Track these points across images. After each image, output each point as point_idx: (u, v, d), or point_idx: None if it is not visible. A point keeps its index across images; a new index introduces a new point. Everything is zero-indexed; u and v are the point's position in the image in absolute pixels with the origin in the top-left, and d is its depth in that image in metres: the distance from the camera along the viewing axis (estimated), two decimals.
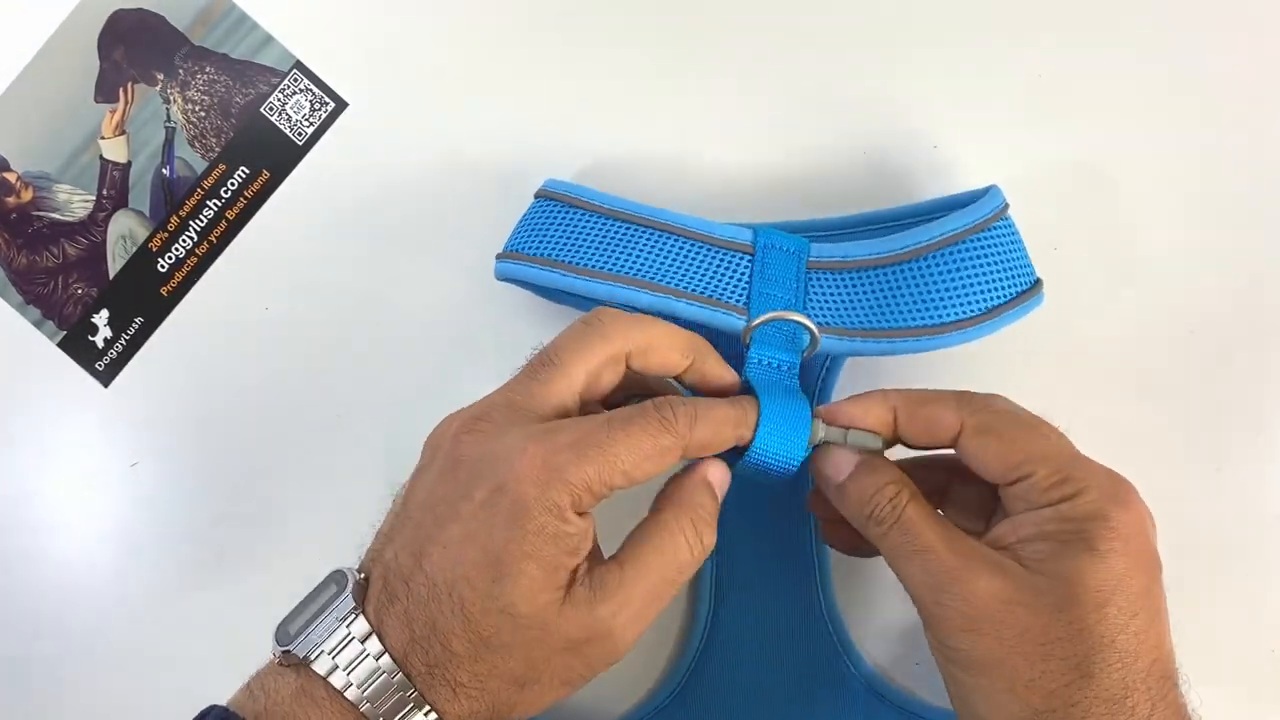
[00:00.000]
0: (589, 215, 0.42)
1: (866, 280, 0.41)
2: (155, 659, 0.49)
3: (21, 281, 0.49)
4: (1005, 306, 0.41)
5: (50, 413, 0.49)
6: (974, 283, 0.40)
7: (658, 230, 0.41)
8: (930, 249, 0.40)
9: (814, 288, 0.41)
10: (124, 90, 0.48)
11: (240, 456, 0.48)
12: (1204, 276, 0.47)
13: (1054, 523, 0.34)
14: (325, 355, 0.48)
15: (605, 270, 0.41)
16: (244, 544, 0.49)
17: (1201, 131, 0.47)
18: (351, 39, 0.48)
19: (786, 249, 0.41)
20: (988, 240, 0.41)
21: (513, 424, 0.35)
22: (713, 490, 0.37)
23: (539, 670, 0.33)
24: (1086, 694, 0.32)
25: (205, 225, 0.48)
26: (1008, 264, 0.41)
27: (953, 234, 0.40)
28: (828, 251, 0.42)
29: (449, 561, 0.33)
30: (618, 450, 0.34)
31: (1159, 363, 0.47)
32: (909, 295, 0.40)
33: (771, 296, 0.41)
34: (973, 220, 0.41)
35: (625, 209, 0.42)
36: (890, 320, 0.41)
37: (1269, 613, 0.47)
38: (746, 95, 0.47)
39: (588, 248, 0.41)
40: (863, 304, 0.41)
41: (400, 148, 0.48)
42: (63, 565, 0.49)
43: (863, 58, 0.47)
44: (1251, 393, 0.47)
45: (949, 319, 0.40)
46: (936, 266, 0.40)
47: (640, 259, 0.41)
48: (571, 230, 0.42)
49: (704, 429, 0.35)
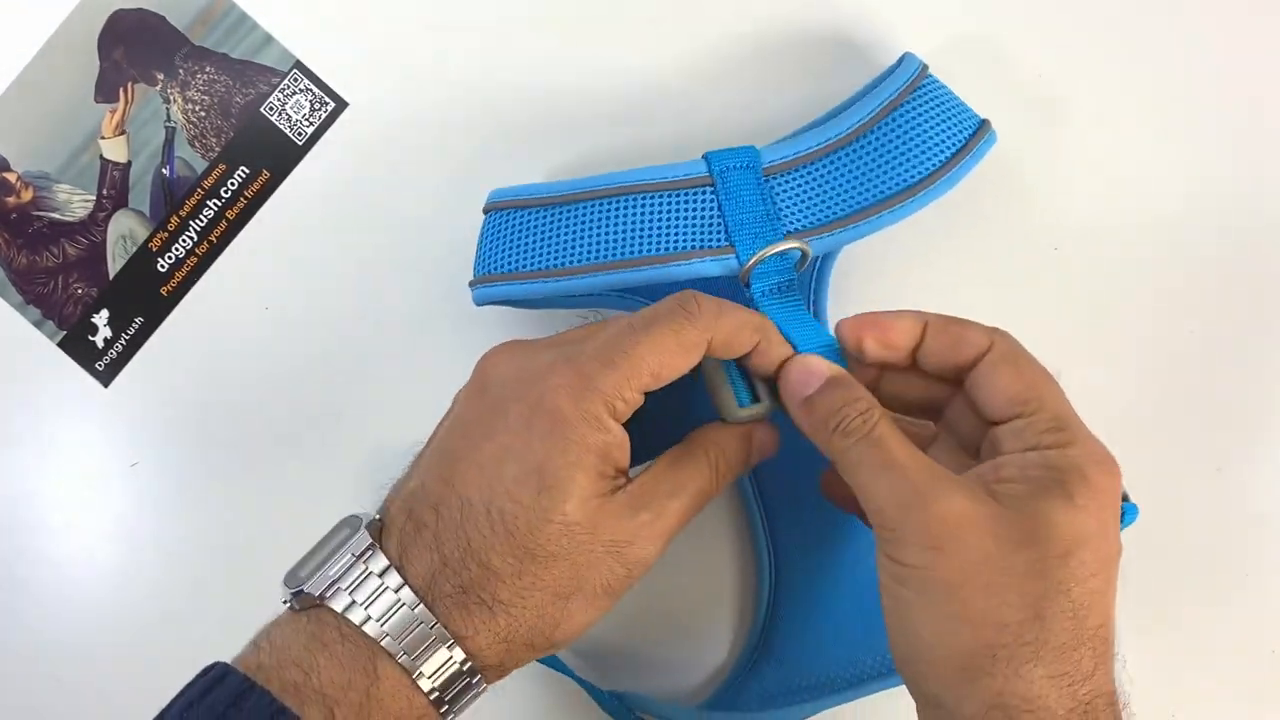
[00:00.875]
0: (541, 211, 0.41)
1: (825, 169, 0.41)
2: (155, 658, 0.49)
3: (21, 281, 0.49)
4: (963, 151, 0.41)
5: (50, 413, 0.49)
6: (926, 138, 0.41)
7: (612, 197, 0.41)
8: (875, 121, 0.41)
9: (779, 193, 0.41)
10: (124, 90, 0.48)
11: (240, 456, 0.48)
12: (1204, 277, 0.47)
13: (1038, 468, 0.33)
14: (325, 355, 0.48)
15: (581, 264, 0.40)
16: (244, 544, 0.49)
17: (1202, 132, 0.47)
18: (351, 39, 0.48)
19: (741, 164, 0.41)
20: (922, 97, 0.42)
21: (545, 347, 0.36)
22: (749, 443, 0.38)
23: (583, 577, 0.34)
24: (1038, 635, 0.31)
25: (205, 225, 0.48)
26: (949, 113, 0.42)
27: (890, 100, 0.41)
28: (779, 152, 0.41)
29: (486, 479, 0.34)
30: (642, 352, 0.34)
31: (1159, 363, 0.47)
32: (871, 170, 0.41)
33: (746, 221, 0.41)
34: (903, 82, 0.42)
35: (571, 190, 0.41)
36: (861, 199, 0.41)
37: (1269, 613, 0.47)
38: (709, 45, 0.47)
39: (554, 245, 0.41)
40: (830, 193, 0.41)
41: (400, 148, 0.48)
42: (63, 565, 0.49)
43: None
44: (1251, 393, 0.47)
45: (915, 178, 0.41)
46: (886, 134, 0.41)
47: (609, 237, 0.40)
48: (531, 233, 0.41)
49: (728, 321, 0.36)
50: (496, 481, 0.34)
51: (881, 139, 0.41)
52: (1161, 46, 0.47)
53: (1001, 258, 0.47)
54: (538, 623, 0.34)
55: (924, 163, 0.41)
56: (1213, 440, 0.47)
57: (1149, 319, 0.47)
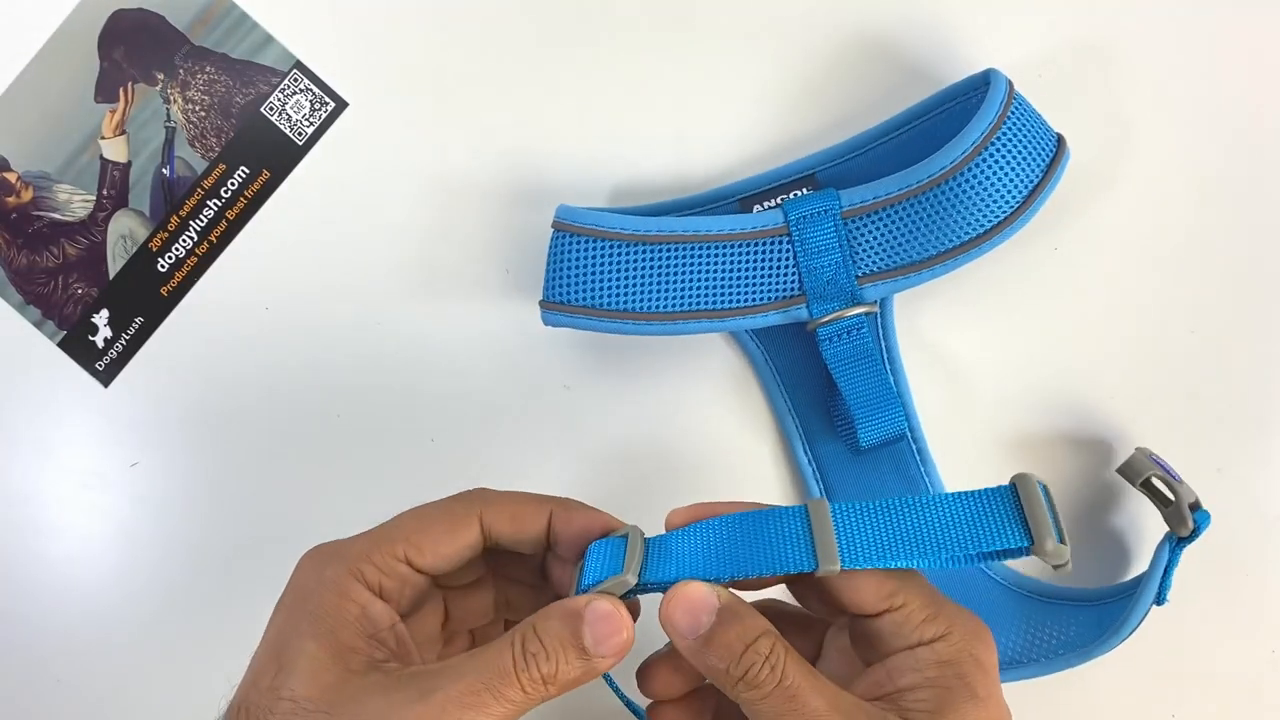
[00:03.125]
0: (616, 246, 0.42)
1: (904, 212, 0.41)
2: (155, 658, 0.49)
3: (21, 281, 0.49)
4: (1042, 183, 0.41)
5: (50, 413, 0.49)
6: (1007, 179, 0.41)
7: (691, 244, 0.41)
8: (959, 167, 0.41)
9: (856, 236, 0.42)
10: (124, 90, 0.48)
11: (240, 456, 0.48)
12: (1205, 276, 0.47)
13: (934, 668, 0.32)
14: (325, 355, 0.48)
15: (661, 310, 0.42)
16: (244, 544, 0.49)
17: (1203, 132, 0.47)
18: (351, 39, 0.48)
19: (819, 210, 0.42)
20: (1007, 134, 0.41)
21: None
22: (576, 626, 0.31)
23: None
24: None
25: (205, 225, 0.48)
26: (1030, 144, 0.42)
27: (975, 145, 0.41)
28: (858, 196, 0.42)
29: (250, 673, 0.32)
30: (402, 520, 0.34)
31: (1159, 363, 0.47)
32: (951, 215, 0.41)
33: (820, 267, 0.42)
34: (989, 122, 0.41)
35: (648, 231, 0.42)
36: (938, 244, 0.41)
37: (1269, 613, 0.47)
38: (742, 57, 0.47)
39: (632, 285, 0.42)
40: (908, 237, 0.42)
41: (400, 148, 0.48)
42: (63, 565, 0.49)
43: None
44: (1252, 393, 0.47)
45: (995, 220, 0.41)
46: (969, 179, 0.41)
47: (689, 285, 0.42)
48: (606, 268, 0.42)
49: (499, 496, 0.35)
50: (249, 671, 0.32)
51: (971, 180, 0.41)
52: (1160, 46, 0.47)
53: (1001, 258, 0.47)
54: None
55: (1010, 198, 0.41)
56: (1213, 440, 0.47)
57: (1149, 319, 0.47)
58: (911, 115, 0.45)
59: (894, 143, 0.45)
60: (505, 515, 0.35)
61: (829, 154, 0.46)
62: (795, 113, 0.47)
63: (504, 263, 0.48)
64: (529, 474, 0.48)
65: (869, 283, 0.43)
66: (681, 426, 0.48)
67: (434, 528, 0.34)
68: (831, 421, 0.46)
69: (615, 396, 0.48)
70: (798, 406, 0.47)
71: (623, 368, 0.48)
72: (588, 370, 0.48)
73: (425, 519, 0.34)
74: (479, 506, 0.35)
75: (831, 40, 0.47)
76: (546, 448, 0.48)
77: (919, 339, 0.47)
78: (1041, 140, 0.42)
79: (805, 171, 0.45)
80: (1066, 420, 0.47)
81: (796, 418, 0.47)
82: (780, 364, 0.47)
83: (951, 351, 0.47)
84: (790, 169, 0.46)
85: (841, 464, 0.47)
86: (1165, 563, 0.42)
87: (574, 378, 0.48)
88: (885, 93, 0.46)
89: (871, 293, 0.43)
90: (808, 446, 0.47)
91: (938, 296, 0.47)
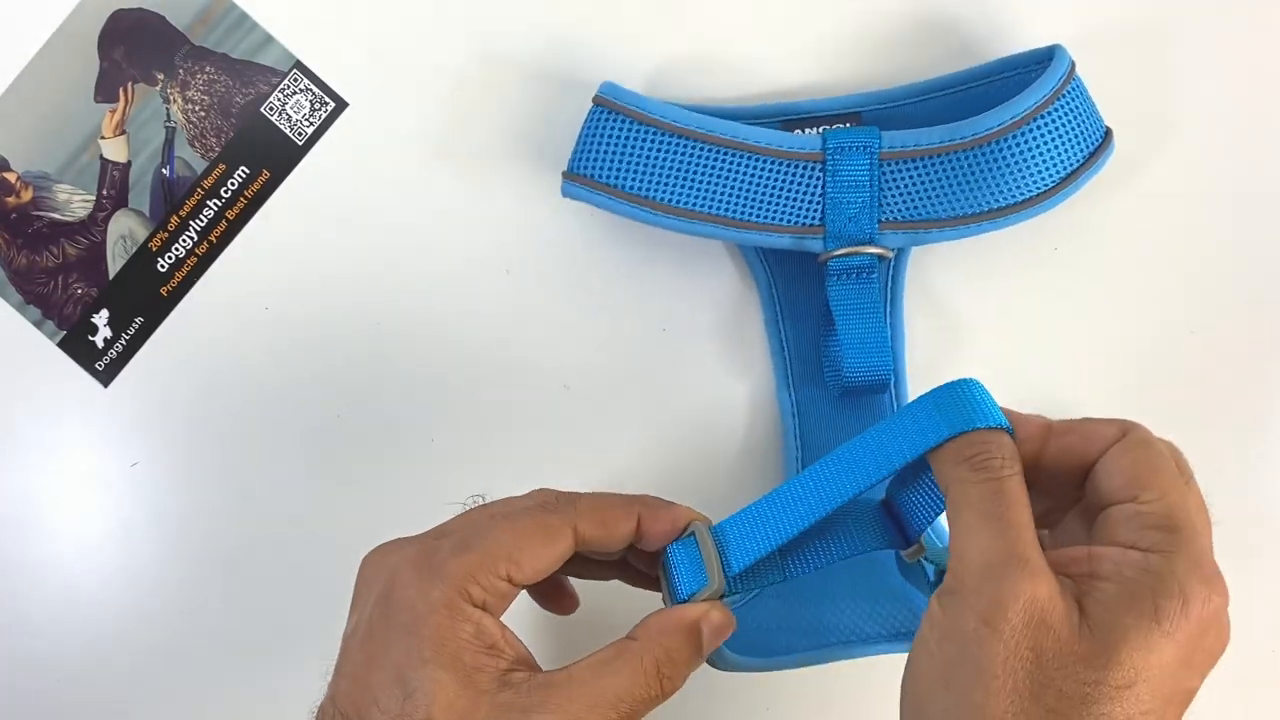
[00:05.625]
0: (653, 132, 0.42)
1: (941, 166, 0.41)
2: (155, 658, 0.49)
3: (21, 281, 0.49)
4: (1078, 171, 0.41)
5: (50, 413, 0.49)
6: (1049, 156, 0.41)
7: (725, 148, 0.41)
8: (1005, 131, 0.40)
9: (888, 180, 0.42)
10: (124, 90, 0.48)
11: (240, 456, 0.48)
12: (1205, 276, 0.47)
13: (1135, 570, 0.30)
14: (325, 355, 0.48)
15: (680, 205, 0.41)
16: (244, 543, 0.49)
17: (1203, 131, 0.47)
18: (351, 39, 0.48)
19: (858, 145, 0.41)
20: (1059, 110, 0.41)
21: (410, 541, 0.35)
22: (698, 636, 0.34)
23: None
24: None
25: (205, 225, 0.48)
26: (1080, 128, 0.42)
27: (1026, 113, 0.40)
28: (900, 140, 0.42)
29: (359, 691, 0.32)
30: (499, 536, 0.33)
31: (1159, 363, 0.47)
32: (986, 178, 0.41)
33: (846, 203, 0.42)
34: (1044, 94, 0.41)
35: (688, 125, 0.41)
36: (967, 205, 0.41)
37: (1269, 613, 0.47)
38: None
39: (658, 175, 0.41)
40: (939, 191, 0.41)
41: (400, 148, 0.48)
42: (62, 565, 0.49)
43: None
44: (1252, 393, 0.47)
45: (1025, 195, 0.41)
46: (1013, 146, 0.40)
47: (713, 188, 0.42)
48: (637, 151, 0.42)
49: (587, 504, 0.35)
50: (366, 692, 0.32)
51: (1012, 148, 0.40)
52: (1158, 45, 0.47)
53: (1001, 258, 0.47)
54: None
55: (1047, 176, 0.41)
56: (1213, 440, 0.47)
57: (1149, 319, 0.47)
58: (970, 76, 0.45)
59: (947, 99, 0.45)
60: (596, 521, 0.35)
61: (880, 95, 0.45)
62: (852, 56, 0.47)
63: (504, 263, 0.48)
64: (529, 475, 0.48)
65: (890, 229, 0.42)
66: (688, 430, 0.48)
67: (531, 543, 0.34)
68: (819, 362, 0.46)
69: (615, 397, 0.48)
70: (791, 342, 0.47)
71: (624, 365, 0.48)
72: (588, 371, 0.48)
73: (521, 534, 0.34)
74: (571, 517, 0.35)
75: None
76: (546, 447, 0.48)
77: (927, 295, 0.47)
78: (1091, 126, 0.42)
79: (853, 108, 0.45)
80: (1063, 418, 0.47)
81: (788, 355, 0.47)
82: (784, 292, 0.46)
83: (955, 316, 0.47)
84: (839, 102, 0.45)
85: (821, 409, 0.47)
86: None
87: (574, 377, 0.48)
88: (948, 60, 0.46)
89: (891, 239, 0.42)
90: (793, 389, 0.47)
91: (936, 296, 0.47)
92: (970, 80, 0.45)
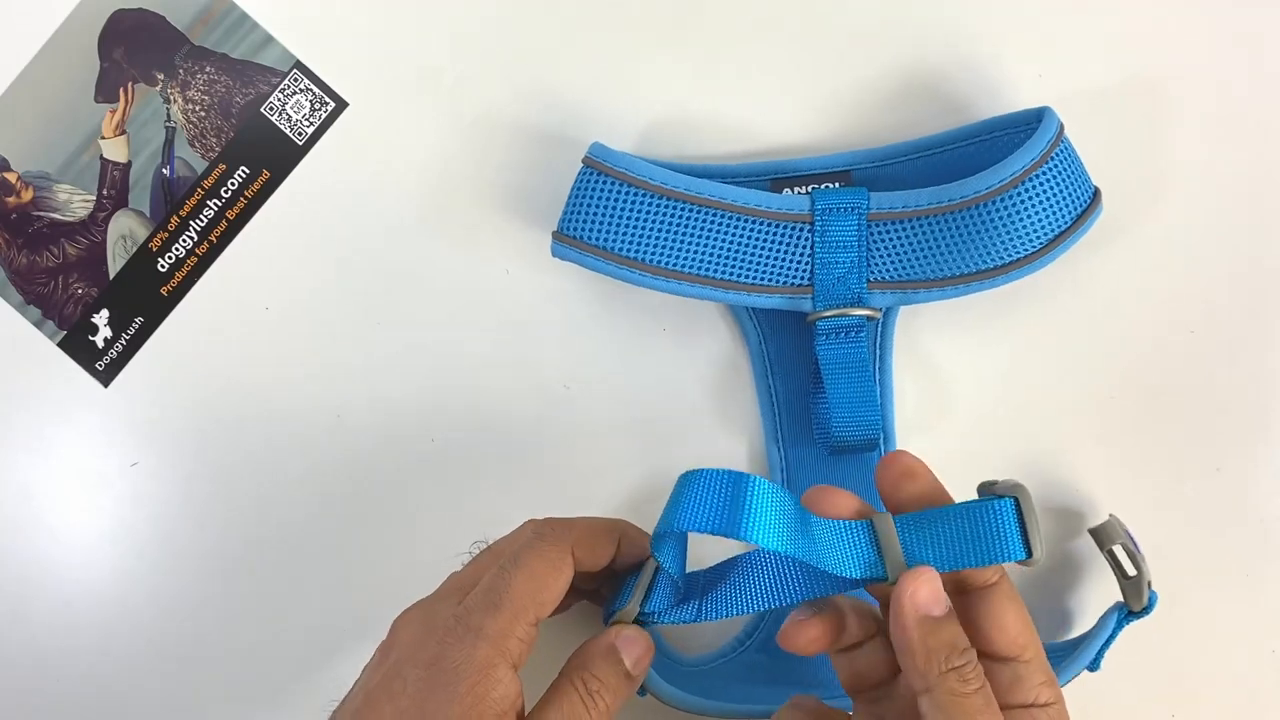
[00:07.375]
0: (640, 194, 0.42)
1: (930, 227, 0.41)
2: (155, 659, 0.49)
3: (21, 281, 0.49)
4: (1067, 232, 0.41)
5: (50, 413, 0.49)
6: (1038, 217, 0.41)
7: (713, 209, 0.41)
8: (994, 194, 0.41)
9: (877, 240, 0.42)
10: (124, 90, 0.48)
11: (240, 456, 0.48)
12: (1205, 277, 0.47)
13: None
14: (325, 355, 0.48)
15: (669, 267, 0.42)
16: (243, 543, 0.49)
17: (1202, 131, 0.47)
18: (351, 39, 0.48)
19: (846, 205, 0.42)
20: (1048, 172, 0.41)
21: (442, 599, 0.37)
22: (616, 656, 0.37)
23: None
24: None
25: (205, 225, 0.48)
26: (1069, 189, 0.42)
27: (1014, 176, 0.41)
28: (888, 201, 0.42)
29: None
30: (519, 586, 0.35)
31: (1159, 363, 0.47)
32: (975, 239, 0.41)
33: (835, 263, 0.42)
34: (1033, 157, 0.41)
35: (676, 187, 0.42)
36: (955, 266, 0.41)
37: (1269, 613, 0.47)
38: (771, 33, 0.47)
39: (647, 235, 0.42)
40: (928, 252, 0.42)
41: (400, 148, 0.48)
42: (62, 565, 0.49)
43: None
44: (1252, 393, 0.47)
45: (1014, 256, 0.41)
46: (1002, 208, 0.41)
47: (702, 249, 0.42)
48: (626, 213, 0.42)
49: (580, 529, 0.37)
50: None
51: (1003, 209, 0.41)
52: (1156, 45, 0.47)
53: (990, 317, 0.47)
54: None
55: (1036, 238, 0.41)
56: (1212, 440, 0.47)
57: (1149, 319, 0.47)
58: (959, 135, 0.45)
59: (935, 159, 0.45)
60: (586, 547, 0.38)
61: (869, 154, 0.45)
62: (841, 115, 0.47)
63: (504, 263, 0.48)
64: (529, 473, 0.48)
65: (879, 289, 0.43)
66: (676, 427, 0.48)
67: (546, 582, 0.36)
68: (809, 421, 0.46)
69: (615, 397, 0.48)
70: (781, 398, 0.47)
71: (623, 369, 0.48)
72: (588, 371, 0.48)
73: (535, 576, 0.36)
74: (568, 542, 0.37)
75: (894, 59, 0.47)
76: (546, 448, 0.48)
77: (915, 353, 0.47)
78: (1079, 188, 0.42)
79: (842, 167, 0.45)
80: (1064, 421, 0.47)
81: (778, 413, 0.47)
82: (774, 350, 0.47)
83: (944, 374, 0.47)
84: (828, 161, 0.45)
85: (810, 466, 0.47)
86: (1110, 633, 0.42)
87: (573, 378, 0.48)
88: (936, 119, 0.46)
89: (879, 300, 0.43)
90: (782, 446, 0.47)
91: (941, 317, 0.47)
92: (960, 139, 0.45)
